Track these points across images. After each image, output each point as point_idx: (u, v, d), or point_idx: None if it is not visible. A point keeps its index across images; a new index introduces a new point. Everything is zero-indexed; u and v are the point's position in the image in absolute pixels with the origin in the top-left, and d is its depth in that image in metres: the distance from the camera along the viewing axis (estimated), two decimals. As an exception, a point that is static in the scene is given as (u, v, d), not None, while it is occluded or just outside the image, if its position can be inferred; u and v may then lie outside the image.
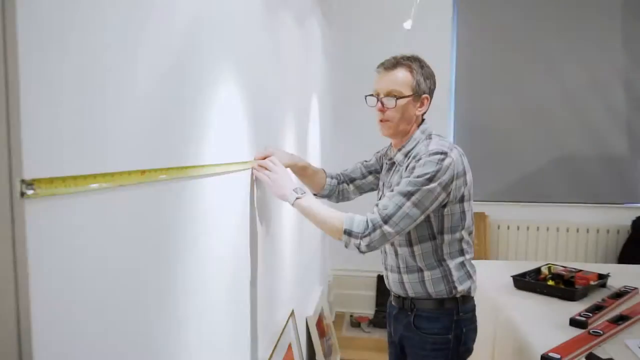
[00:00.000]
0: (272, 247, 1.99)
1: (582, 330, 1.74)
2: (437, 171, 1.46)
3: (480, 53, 3.98)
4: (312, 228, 3.15)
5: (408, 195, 1.44)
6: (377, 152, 1.89)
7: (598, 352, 1.57)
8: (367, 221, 1.44)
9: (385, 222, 1.43)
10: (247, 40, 1.59)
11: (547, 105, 3.93)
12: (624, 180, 3.89)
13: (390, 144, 1.76)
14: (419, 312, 1.61)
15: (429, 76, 1.63)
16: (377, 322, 3.93)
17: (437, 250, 1.57)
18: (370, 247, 1.44)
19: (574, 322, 1.80)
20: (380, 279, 4.12)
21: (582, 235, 3.83)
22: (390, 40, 3.93)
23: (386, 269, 1.72)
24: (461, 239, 1.59)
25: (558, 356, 1.51)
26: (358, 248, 1.45)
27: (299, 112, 2.57)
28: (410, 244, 1.58)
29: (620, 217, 3.80)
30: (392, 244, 1.64)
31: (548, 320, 1.87)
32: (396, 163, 1.65)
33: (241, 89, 1.52)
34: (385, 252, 1.70)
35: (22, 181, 0.62)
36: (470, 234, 1.62)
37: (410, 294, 1.62)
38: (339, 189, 1.87)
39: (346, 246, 1.47)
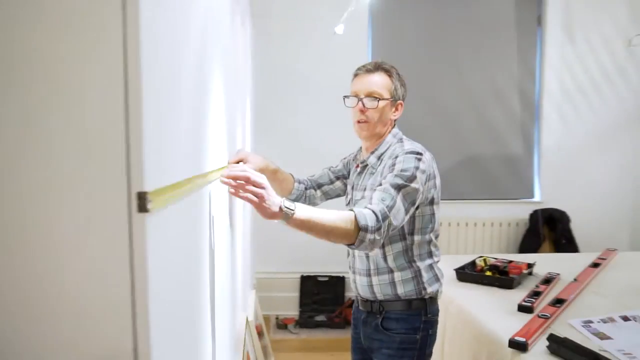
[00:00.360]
0: (232, 254, 1.94)
1: (531, 315, 1.92)
2: (417, 168, 1.49)
3: (393, 61, 4.17)
4: (245, 229, 3.12)
5: (398, 188, 1.44)
6: (344, 158, 1.90)
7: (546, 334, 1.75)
8: (374, 213, 1.37)
9: (389, 212, 1.39)
10: (222, 41, 1.54)
11: (455, 110, 4.23)
12: (521, 178, 4.31)
13: (360, 148, 1.79)
14: (387, 315, 1.62)
15: (404, 84, 1.70)
16: (302, 322, 3.96)
17: (407, 251, 1.59)
18: (380, 241, 1.39)
19: (521, 308, 1.97)
20: (303, 279, 4.16)
21: (488, 229, 4.18)
22: (311, 45, 4.00)
23: (354, 272, 1.71)
24: (430, 241, 1.63)
25: (524, 339, 1.65)
26: (373, 243, 1.36)
27: (241, 114, 2.52)
28: (382, 244, 1.57)
29: (519, 211, 4.20)
30: None
31: (497, 308, 2.04)
32: (369, 165, 1.67)
33: (224, 95, 1.48)
34: (354, 255, 1.70)
35: (142, 194, 0.57)
36: (437, 237, 1.67)
37: (379, 296, 1.63)
38: (306, 194, 1.86)
39: (358, 246, 1.35)
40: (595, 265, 2.58)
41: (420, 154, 1.55)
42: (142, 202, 0.56)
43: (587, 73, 4.25)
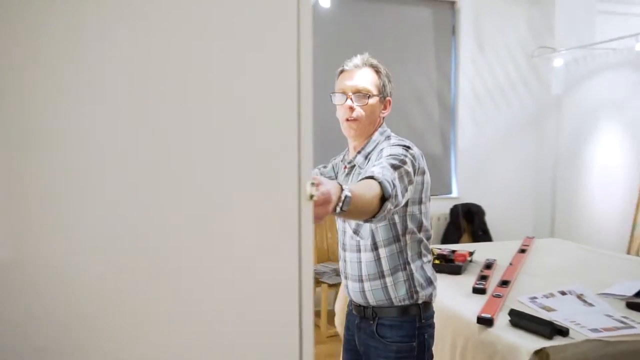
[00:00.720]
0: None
1: (484, 295, 2.15)
2: (406, 156, 1.44)
3: (322, 64, 4.33)
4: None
5: (394, 167, 1.37)
6: (334, 159, 1.85)
7: (505, 309, 1.98)
8: (385, 181, 1.27)
9: (394, 182, 1.31)
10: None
11: (381, 112, 4.48)
12: (440, 175, 4.67)
13: (347, 149, 1.74)
14: (381, 321, 1.58)
15: (391, 80, 1.66)
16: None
17: (402, 252, 1.56)
18: (391, 212, 1.32)
19: (475, 290, 2.20)
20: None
21: (413, 223, 4.48)
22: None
23: (346, 277, 1.66)
24: (420, 242, 1.59)
25: (489, 316, 1.86)
26: (389, 213, 1.28)
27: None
28: (375, 247, 1.56)
29: (441, 207, 4.55)
30: (358, 250, 1.59)
31: (453, 292, 2.25)
32: (356, 166, 1.62)
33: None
34: (345, 260, 1.65)
35: (311, 184, 0.64)
36: (428, 238, 1.63)
37: (372, 302, 1.59)
38: None
39: (378, 216, 1.26)
40: (522, 251, 2.92)
41: (408, 146, 1.52)
42: (311, 191, 0.64)
43: (495, 80, 4.71)
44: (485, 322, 1.85)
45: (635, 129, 3.90)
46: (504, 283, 2.28)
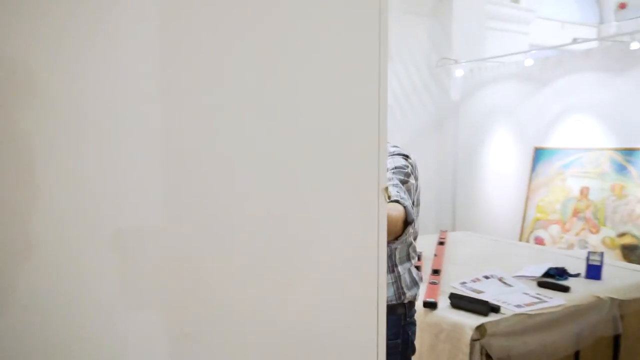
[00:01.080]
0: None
1: (422, 283, 2.41)
2: (407, 167, 1.49)
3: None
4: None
5: (403, 183, 1.42)
6: None
7: (443, 294, 2.26)
8: (410, 206, 1.33)
9: (409, 201, 1.38)
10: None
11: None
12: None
13: None
14: None
15: None
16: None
17: (390, 256, 1.59)
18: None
19: (414, 279, 2.46)
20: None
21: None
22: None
23: None
24: (410, 244, 1.63)
25: (433, 300, 2.12)
26: (409, 236, 1.35)
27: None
28: None
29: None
30: None
31: (393, 282, 2.49)
32: None
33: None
34: None
35: (386, 188, 0.80)
36: (415, 238, 1.67)
37: None
38: None
39: (400, 239, 1.33)
40: (441, 243, 3.26)
41: (407, 156, 1.56)
42: (387, 194, 0.80)
43: (403, 88, 5.10)
44: (430, 305, 2.11)
45: (524, 134, 4.47)
46: (435, 272, 2.56)
